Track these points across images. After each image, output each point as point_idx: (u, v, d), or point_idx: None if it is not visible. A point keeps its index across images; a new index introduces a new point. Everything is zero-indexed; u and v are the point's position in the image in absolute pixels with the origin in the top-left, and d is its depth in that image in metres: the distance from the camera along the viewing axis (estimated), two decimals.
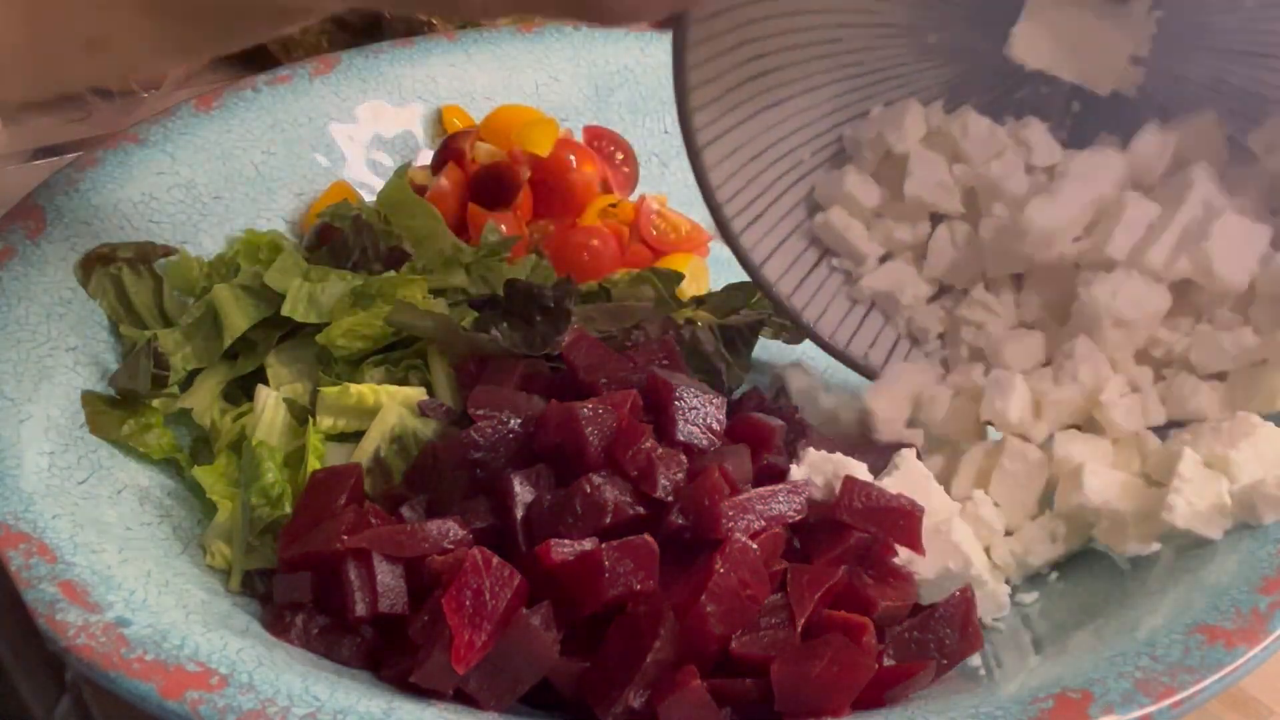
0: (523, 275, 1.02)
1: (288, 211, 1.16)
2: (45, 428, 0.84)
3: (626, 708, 0.70)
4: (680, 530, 0.75)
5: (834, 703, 0.70)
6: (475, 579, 0.70)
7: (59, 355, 0.90)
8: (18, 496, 0.77)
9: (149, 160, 1.07)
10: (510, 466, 0.78)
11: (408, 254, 1.02)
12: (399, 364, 0.92)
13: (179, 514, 0.86)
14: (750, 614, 0.72)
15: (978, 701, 0.69)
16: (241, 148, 1.14)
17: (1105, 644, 0.73)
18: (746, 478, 0.80)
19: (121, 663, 0.66)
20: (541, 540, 0.73)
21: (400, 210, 1.06)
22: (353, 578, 0.74)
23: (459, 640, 0.69)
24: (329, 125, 1.21)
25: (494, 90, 1.29)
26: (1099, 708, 0.66)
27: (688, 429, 0.81)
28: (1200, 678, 0.68)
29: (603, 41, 1.33)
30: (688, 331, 0.98)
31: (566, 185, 1.17)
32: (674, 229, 1.21)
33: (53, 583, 0.70)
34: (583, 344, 0.87)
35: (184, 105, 1.14)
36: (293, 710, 0.64)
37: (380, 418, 0.86)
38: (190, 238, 1.07)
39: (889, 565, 0.80)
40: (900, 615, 0.78)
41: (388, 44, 1.28)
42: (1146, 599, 0.78)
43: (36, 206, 0.99)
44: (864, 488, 0.79)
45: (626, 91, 1.32)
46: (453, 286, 0.98)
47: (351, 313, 0.92)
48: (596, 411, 0.78)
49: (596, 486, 0.75)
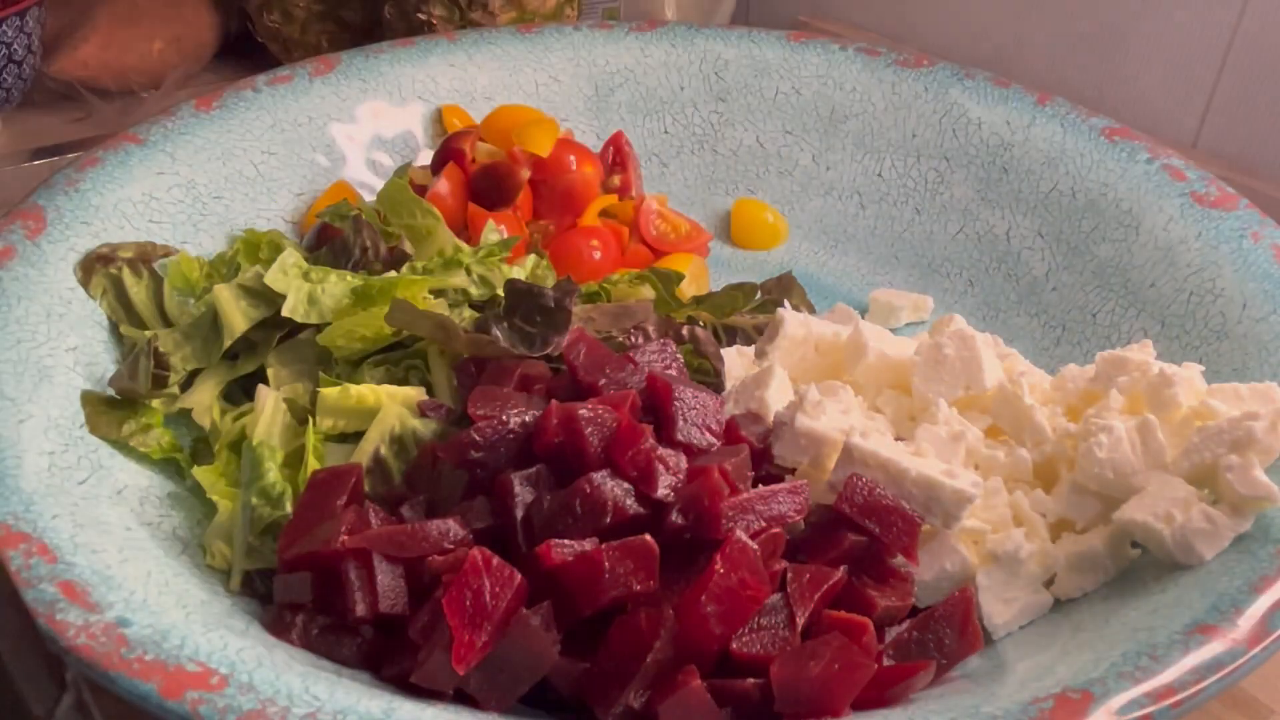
0: (523, 275, 1.02)
1: (288, 211, 1.16)
2: (45, 428, 0.84)
3: (626, 708, 0.70)
4: (680, 530, 0.75)
5: (834, 703, 0.70)
6: (475, 579, 0.70)
7: (59, 355, 0.90)
8: (18, 496, 0.77)
9: (149, 160, 1.07)
10: (510, 467, 0.78)
11: (408, 254, 1.02)
12: (399, 364, 0.92)
13: (179, 514, 0.86)
14: (750, 614, 0.72)
15: (978, 701, 0.69)
16: (241, 148, 1.14)
17: (1105, 644, 0.73)
18: (746, 478, 0.80)
19: (121, 663, 0.66)
20: (541, 541, 0.73)
21: (400, 210, 1.06)
22: (353, 578, 0.74)
23: (459, 640, 0.69)
24: (329, 125, 1.21)
25: (494, 90, 1.29)
26: (1099, 708, 0.66)
27: (687, 429, 0.81)
28: (1200, 678, 0.68)
29: (603, 41, 1.33)
30: (688, 331, 0.98)
31: (566, 185, 1.17)
32: (674, 229, 1.22)
33: (53, 583, 0.70)
34: (583, 344, 0.87)
35: (184, 105, 1.14)
36: (293, 710, 0.64)
37: (380, 418, 0.86)
38: (190, 238, 1.07)
39: (888, 566, 0.80)
40: (900, 615, 0.78)
41: (388, 44, 1.29)
42: (1147, 599, 0.78)
43: (36, 206, 0.99)
44: (867, 484, 0.79)
45: (626, 91, 1.32)
46: (453, 286, 0.98)
47: (351, 313, 0.92)
48: (596, 412, 0.78)
49: (596, 487, 0.75)
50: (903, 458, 0.82)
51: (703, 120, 1.33)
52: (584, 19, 1.54)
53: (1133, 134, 1.17)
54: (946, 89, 1.26)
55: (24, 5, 1.32)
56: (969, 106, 1.25)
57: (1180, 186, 1.11)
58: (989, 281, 1.19)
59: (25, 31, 1.34)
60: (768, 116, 1.33)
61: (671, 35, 1.35)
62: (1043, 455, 0.88)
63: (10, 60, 1.34)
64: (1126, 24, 1.36)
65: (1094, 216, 1.14)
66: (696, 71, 1.33)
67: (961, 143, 1.25)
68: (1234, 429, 0.81)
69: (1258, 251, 1.02)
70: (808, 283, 1.19)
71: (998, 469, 0.87)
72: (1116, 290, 1.10)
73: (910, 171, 1.27)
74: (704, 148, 1.33)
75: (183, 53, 1.52)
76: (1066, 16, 1.41)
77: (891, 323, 1.16)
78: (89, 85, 1.45)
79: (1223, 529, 0.78)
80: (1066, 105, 1.22)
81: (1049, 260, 1.16)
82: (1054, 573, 0.83)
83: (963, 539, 0.83)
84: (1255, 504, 0.79)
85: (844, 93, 1.31)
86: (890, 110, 1.28)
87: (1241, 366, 0.96)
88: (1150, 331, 1.05)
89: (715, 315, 1.06)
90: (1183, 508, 0.79)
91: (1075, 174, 1.16)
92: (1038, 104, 1.22)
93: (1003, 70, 1.47)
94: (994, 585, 0.82)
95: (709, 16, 1.71)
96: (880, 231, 1.27)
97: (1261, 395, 0.86)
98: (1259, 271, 1.01)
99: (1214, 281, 1.03)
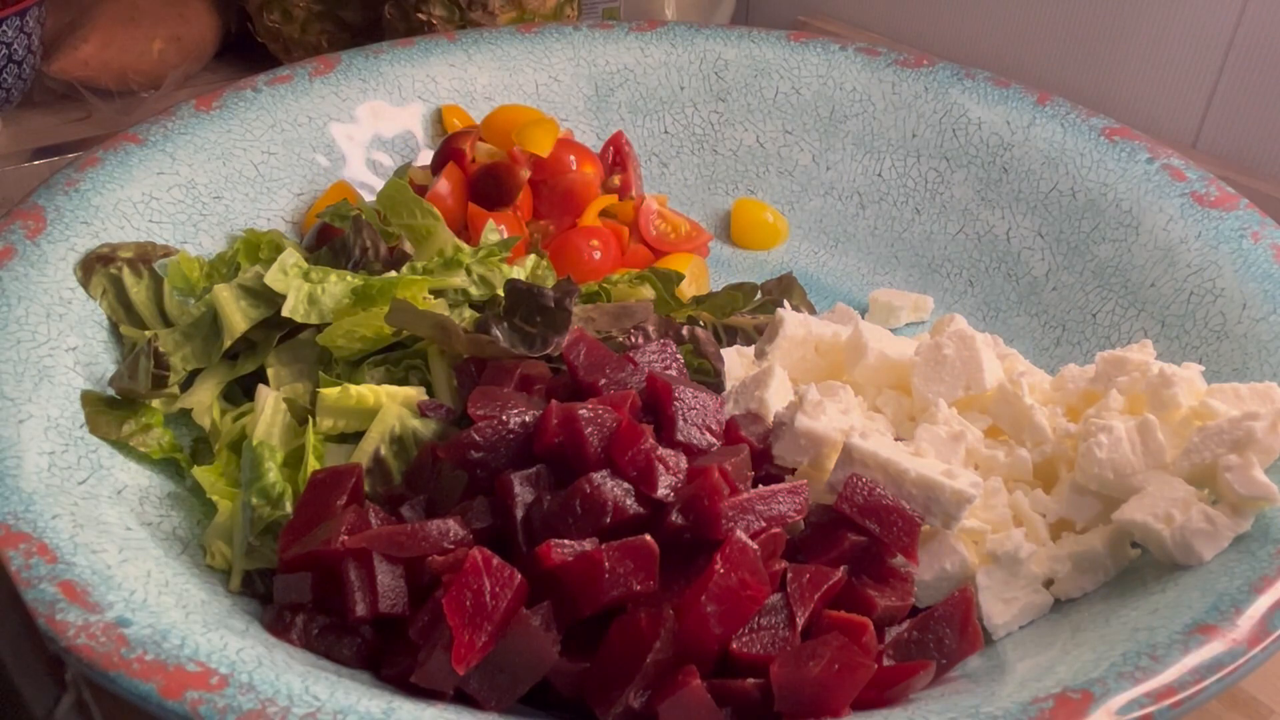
0: (523, 275, 1.02)
1: (288, 211, 1.16)
2: (45, 428, 0.84)
3: (626, 708, 0.70)
4: (680, 530, 0.75)
5: (834, 703, 0.70)
6: (475, 579, 0.70)
7: (59, 355, 0.90)
8: (18, 496, 0.77)
9: (149, 160, 1.07)
10: (510, 467, 0.78)
11: (408, 254, 1.02)
12: (399, 364, 0.92)
13: (179, 514, 0.86)
14: (750, 614, 0.72)
15: (978, 701, 0.69)
16: (241, 148, 1.14)
17: (1105, 644, 0.73)
18: (746, 478, 0.80)
19: (121, 663, 0.66)
20: (542, 541, 0.73)
21: (400, 210, 1.06)
22: (353, 578, 0.74)
23: (459, 640, 0.69)
24: (329, 125, 1.21)
25: (494, 90, 1.29)
26: (1099, 708, 0.66)
27: (687, 429, 0.81)
28: (1200, 678, 0.68)
29: (603, 41, 1.33)
30: (688, 331, 0.98)
31: (566, 185, 1.17)
32: (674, 229, 1.22)
33: (53, 583, 0.70)
34: (582, 344, 0.87)
35: (184, 105, 1.14)
36: (293, 710, 0.64)
37: (380, 418, 0.86)
38: (190, 238, 1.07)
39: (888, 566, 0.80)
40: (899, 615, 0.78)
41: (388, 44, 1.29)
42: (1146, 599, 0.78)
43: (36, 206, 0.99)
44: (868, 485, 0.79)
45: (626, 91, 1.32)
46: (453, 286, 0.98)
47: (351, 313, 0.92)
48: (596, 412, 0.78)
49: (596, 487, 0.75)
50: (902, 458, 0.82)
51: (703, 120, 1.33)
52: (584, 19, 1.54)
53: (1133, 134, 1.17)
54: (946, 89, 1.26)
55: (24, 5, 1.32)
56: (969, 106, 1.25)
57: (1180, 186, 1.11)
58: (989, 281, 1.19)
59: (25, 31, 1.34)
60: (768, 116, 1.33)
61: (671, 35, 1.35)
62: (1043, 455, 0.88)
63: (10, 60, 1.34)
64: (1126, 24, 1.36)
65: (1094, 216, 1.14)
66: (696, 71, 1.33)
67: (961, 143, 1.25)
68: (1234, 429, 0.81)
69: (1258, 251, 1.02)
70: (808, 283, 1.19)
71: (998, 469, 0.87)
72: (1116, 290, 1.10)
73: (910, 171, 1.27)
74: (704, 148, 1.33)
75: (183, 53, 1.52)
76: (1066, 16, 1.41)
77: (891, 323, 1.16)
78: (89, 85, 1.45)
79: (1222, 529, 0.78)
80: (1066, 105, 1.22)
81: (1049, 260, 1.16)
82: (1054, 573, 0.83)
83: (963, 539, 0.83)
84: (1255, 504, 0.79)
85: (844, 93, 1.31)
86: (890, 110, 1.28)
87: (1241, 366, 0.96)
88: (1150, 331, 1.05)
89: (715, 315, 1.06)
90: (1182, 508, 0.79)
91: (1075, 174, 1.16)
92: (1038, 104, 1.22)
93: (1003, 70, 1.47)
94: (994, 585, 0.82)
95: (709, 16, 1.71)
96: (880, 231, 1.27)
97: (1261, 395, 0.86)
98: (1259, 271, 1.01)
99: (1214, 281, 1.03)
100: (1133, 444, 0.83)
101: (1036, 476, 0.88)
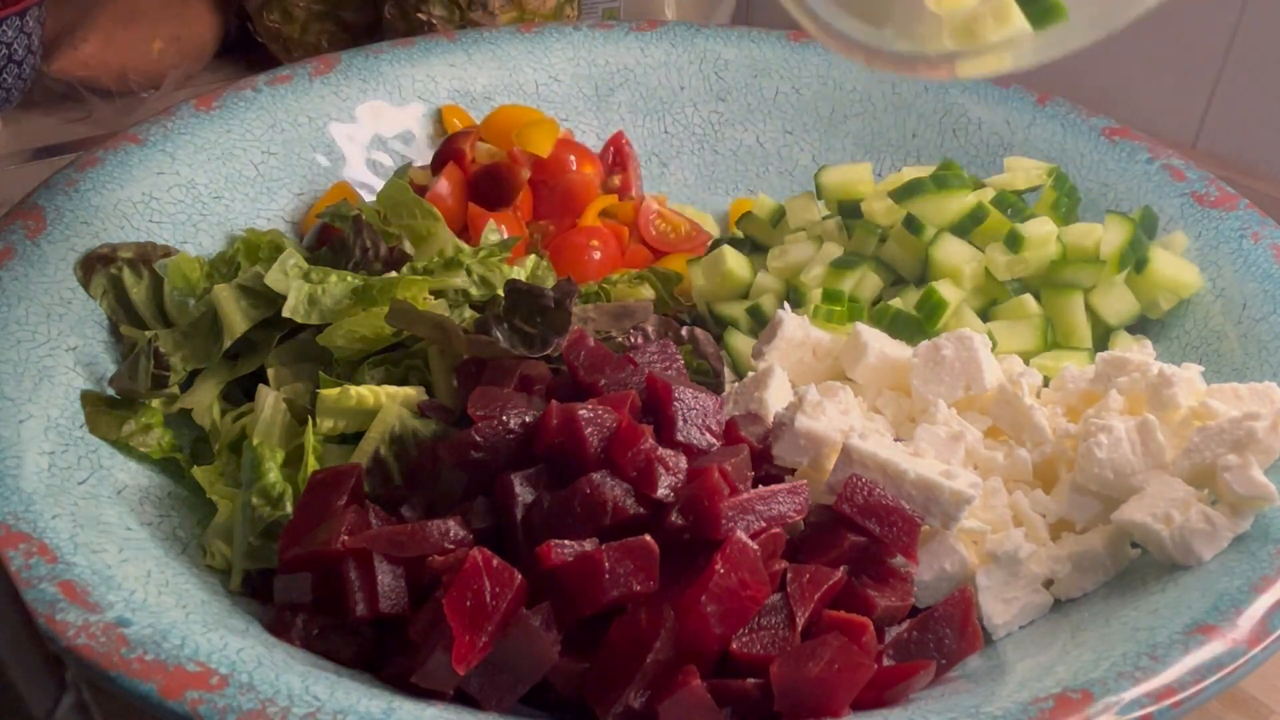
0: (523, 276, 1.02)
1: (288, 211, 1.16)
2: (45, 428, 0.84)
3: (626, 708, 0.70)
4: (680, 530, 0.75)
5: (834, 703, 0.70)
6: (476, 579, 0.70)
7: (59, 355, 0.90)
8: (18, 496, 0.77)
9: (149, 160, 1.07)
10: (510, 467, 0.78)
11: (408, 254, 1.02)
12: (399, 364, 0.92)
13: (179, 514, 0.86)
14: (750, 614, 0.72)
15: (978, 701, 0.69)
16: (241, 148, 1.14)
17: (1105, 644, 0.74)
18: (746, 478, 0.80)
19: (121, 663, 0.66)
20: (542, 541, 0.73)
21: (400, 210, 1.06)
22: (353, 578, 0.74)
23: (459, 640, 0.69)
24: (329, 125, 1.21)
25: (494, 90, 1.29)
26: (1099, 708, 0.66)
27: (687, 429, 0.81)
28: (1200, 678, 0.68)
29: (603, 41, 1.33)
30: (688, 332, 0.98)
31: (566, 185, 1.17)
32: (674, 229, 1.21)
33: (53, 583, 0.70)
34: (582, 345, 0.87)
35: (184, 105, 1.14)
36: (293, 710, 0.64)
37: (380, 418, 0.86)
38: (190, 238, 1.07)
39: (888, 566, 0.80)
40: (899, 616, 0.78)
41: (388, 44, 1.28)
42: (1146, 599, 0.78)
43: (36, 206, 0.99)
44: (867, 485, 0.79)
45: (626, 91, 1.32)
46: (453, 287, 0.98)
47: (352, 313, 0.92)
48: (596, 412, 0.78)
49: (596, 487, 0.75)
50: (902, 458, 0.82)
51: (703, 120, 1.33)
52: (584, 19, 1.54)
53: (1133, 134, 1.17)
54: (946, 89, 1.26)
55: (24, 5, 1.32)
56: (969, 106, 1.25)
57: (1180, 186, 1.11)
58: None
59: (25, 31, 1.34)
60: (768, 116, 1.32)
61: (671, 35, 1.35)
62: (1042, 455, 0.88)
63: (10, 60, 1.34)
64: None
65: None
66: (696, 71, 1.33)
67: (961, 143, 1.25)
68: (1234, 429, 0.81)
69: (1258, 251, 1.02)
70: None
71: (997, 469, 0.87)
72: None
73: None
74: (704, 148, 1.33)
75: (183, 53, 1.52)
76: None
77: None
78: (89, 85, 1.45)
79: (1222, 529, 0.78)
80: (1066, 105, 1.22)
81: None
82: (1054, 573, 0.83)
83: (962, 539, 0.83)
84: (1254, 504, 0.79)
85: (844, 93, 1.31)
86: (890, 110, 1.28)
87: (1241, 366, 0.96)
88: (1150, 331, 1.05)
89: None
90: (1182, 508, 0.79)
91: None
92: (1038, 104, 1.22)
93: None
94: (994, 585, 0.82)
95: (709, 16, 1.71)
96: None
97: (1261, 395, 0.86)
98: (1259, 271, 1.01)
99: (1214, 281, 1.03)
100: (1132, 444, 0.83)
101: (1036, 477, 0.88)
